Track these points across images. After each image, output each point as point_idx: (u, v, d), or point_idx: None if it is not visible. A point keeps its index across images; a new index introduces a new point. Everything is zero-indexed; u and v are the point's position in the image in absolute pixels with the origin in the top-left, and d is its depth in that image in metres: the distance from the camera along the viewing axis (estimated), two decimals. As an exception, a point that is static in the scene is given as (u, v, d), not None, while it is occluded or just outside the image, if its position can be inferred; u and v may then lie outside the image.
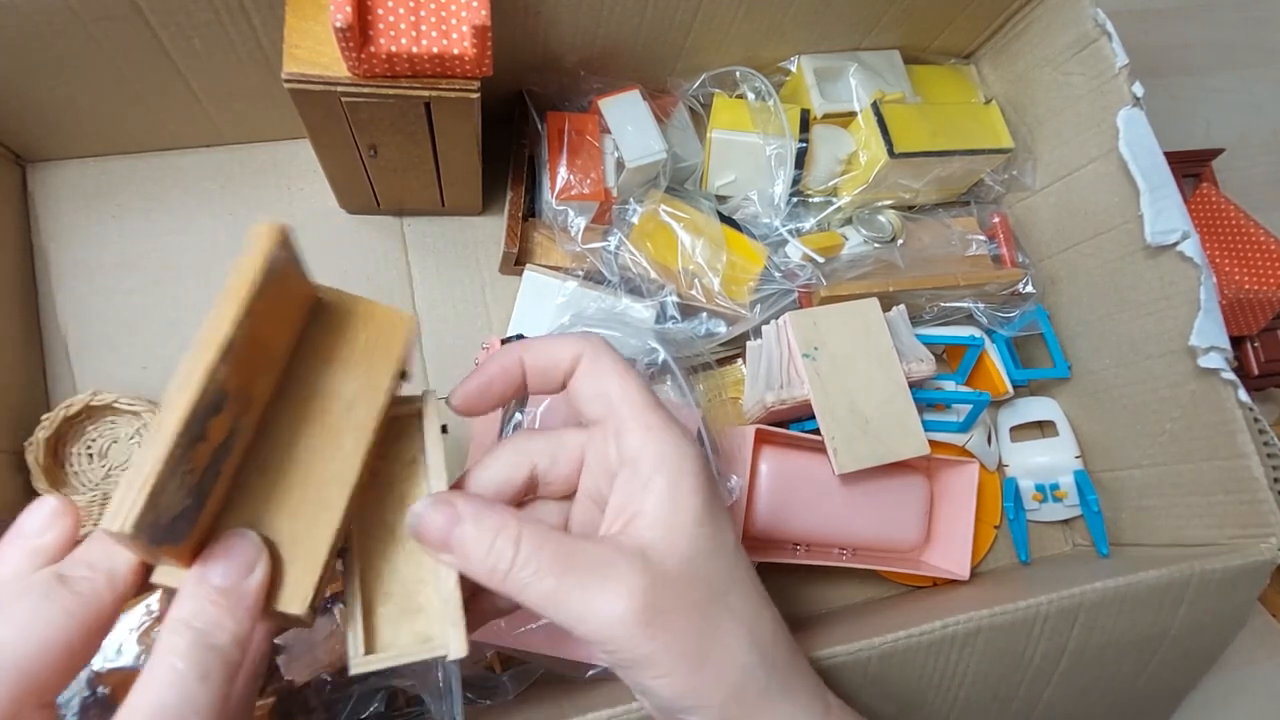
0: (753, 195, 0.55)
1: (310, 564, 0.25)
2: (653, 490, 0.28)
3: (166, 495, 0.21)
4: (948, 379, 0.56)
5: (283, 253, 0.24)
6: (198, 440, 0.22)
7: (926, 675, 0.41)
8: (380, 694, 0.42)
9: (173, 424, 0.21)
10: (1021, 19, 0.56)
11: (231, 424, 0.24)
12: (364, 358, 0.27)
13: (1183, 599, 0.44)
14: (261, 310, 0.24)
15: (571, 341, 0.30)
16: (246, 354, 0.23)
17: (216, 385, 0.22)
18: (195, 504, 0.23)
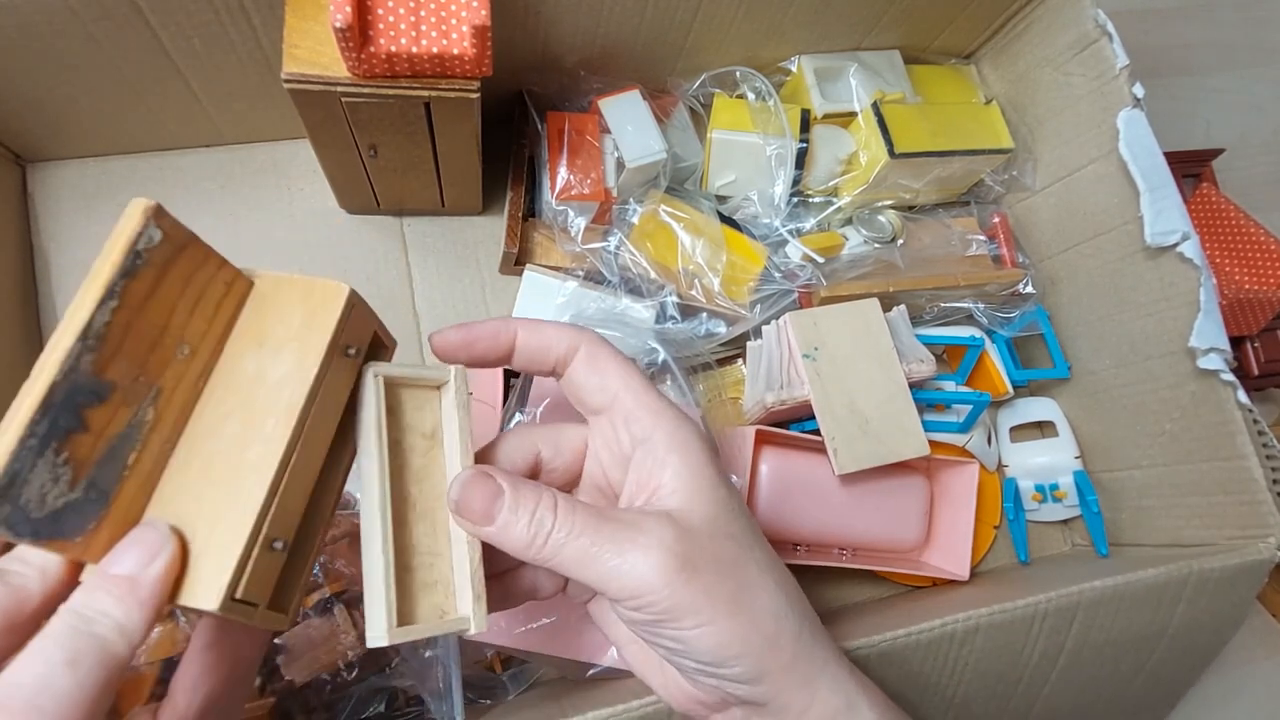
0: (753, 195, 0.55)
1: (223, 558, 0.23)
2: (669, 465, 0.30)
3: (29, 487, 0.20)
4: (948, 379, 0.56)
5: (163, 233, 0.23)
6: (72, 431, 0.21)
7: (925, 673, 0.41)
8: (381, 694, 0.43)
9: (22, 413, 0.20)
10: (1022, 19, 0.56)
11: (132, 415, 0.23)
12: (297, 337, 0.25)
13: (1181, 597, 0.44)
14: (144, 294, 0.23)
15: (569, 333, 0.31)
16: (137, 343, 0.23)
17: (85, 374, 0.21)
18: (92, 498, 0.22)
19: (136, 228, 0.22)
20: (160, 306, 0.23)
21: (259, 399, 0.25)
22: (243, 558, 0.23)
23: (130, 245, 0.22)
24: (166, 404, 0.24)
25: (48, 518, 0.21)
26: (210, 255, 0.25)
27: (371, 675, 0.42)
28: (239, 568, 0.23)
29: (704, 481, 0.30)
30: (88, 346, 0.21)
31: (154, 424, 0.24)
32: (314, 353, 0.25)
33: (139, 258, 0.23)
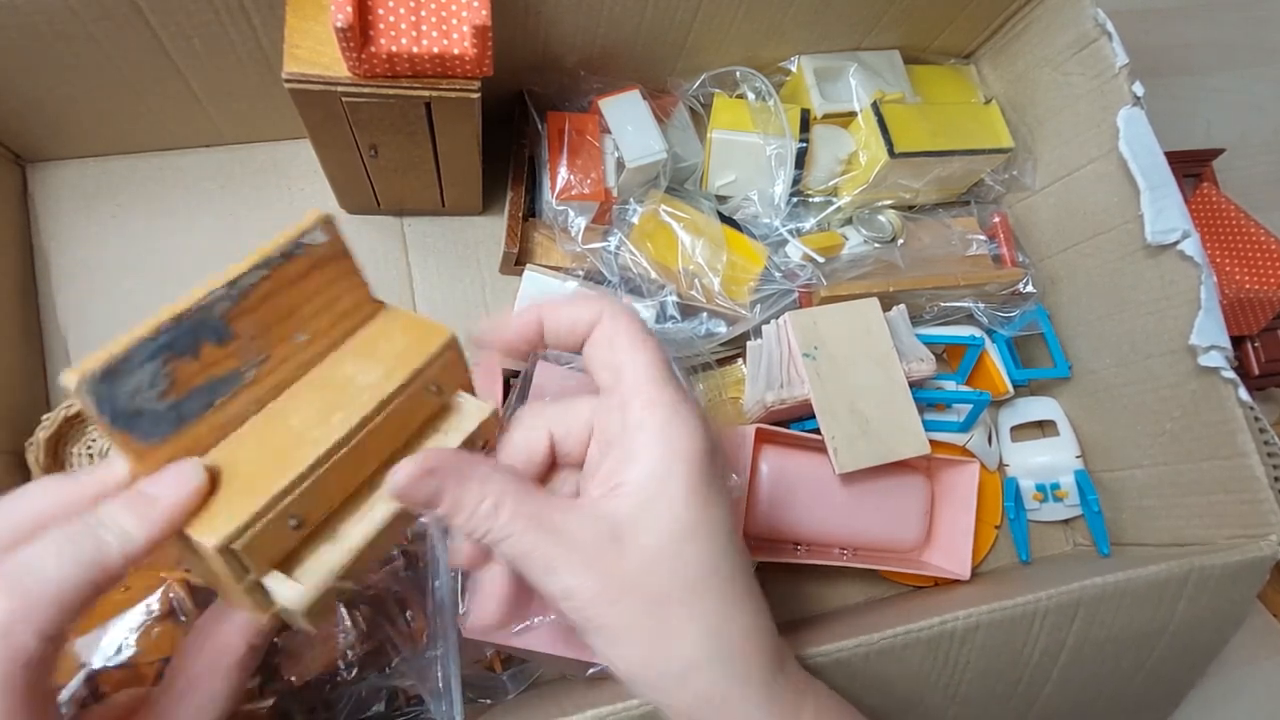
0: (753, 195, 0.55)
1: (238, 509, 0.24)
2: (639, 463, 0.28)
3: (131, 378, 0.23)
4: (948, 379, 0.56)
5: (326, 239, 0.27)
6: (185, 353, 0.24)
7: (926, 671, 0.41)
8: (380, 694, 0.42)
9: (155, 319, 0.24)
10: (1021, 19, 0.56)
11: (237, 367, 0.26)
12: (392, 359, 0.28)
13: (1182, 594, 0.44)
14: (291, 278, 0.26)
15: (590, 304, 0.30)
16: (268, 312, 0.26)
17: (217, 315, 0.25)
18: (170, 417, 0.25)
19: (306, 226, 0.26)
20: (298, 293, 0.27)
21: (341, 396, 0.27)
22: (255, 515, 0.24)
23: (296, 236, 0.27)
24: (268, 372, 0.27)
25: (128, 412, 0.24)
26: (355, 273, 0.29)
27: (371, 675, 0.42)
28: (248, 523, 0.24)
29: (669, 496, 0.27)
30: (230, 295, 0.25)
31: (250, 383, 0.26)
32: (399, 374, 0.27)
33: (299, 248, 0.27)
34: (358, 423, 0.26)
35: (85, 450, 0.48)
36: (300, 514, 0.25)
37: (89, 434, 0.48)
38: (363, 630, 0.41)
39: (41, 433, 0.45)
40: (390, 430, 0.27)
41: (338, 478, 0.26)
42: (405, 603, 0.43)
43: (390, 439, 0.27)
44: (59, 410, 0.46)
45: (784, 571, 0.51)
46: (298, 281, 0.27)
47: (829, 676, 0.38)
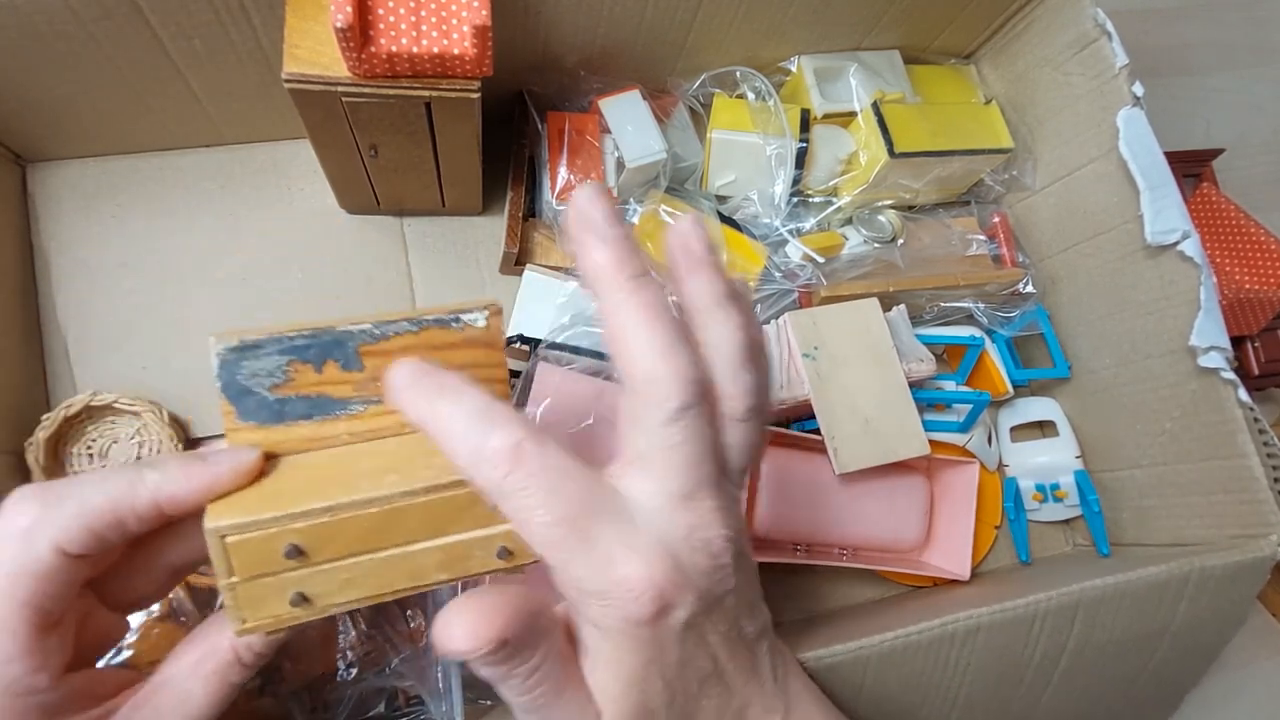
0: (753, 195, 0.55)
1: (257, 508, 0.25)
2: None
3: (256, 361, 0.26)
4: (948, 379, 0.56)
5: (485, 325, 0.28)
6: (310, 363, 0.27)
7: (926, 674, 0.41)
8: (380, 694, 0.42)
9: (301, 325, 0.26)
10: (1021, 19, 0.56)
11: (351, 395, 0.28)
12: None
13: (1182, 595, 0.44)
14: (434, 345, 0.28)
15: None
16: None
17: (352, 346, 0.27)
18: (273, 409, 0.27)
19: (472, 305, 0.28)
20: (437, 359, 0.27)
21: (411, 464, 0.27)
22: (258, 522, 0.25)
23: (459, 308, 0.28)
24: (375, 415, 0.28)
25: (239, 388, 0.26)
26: (500, 368, 0.29)
27: (371, 675, 0.42)
28: (248, 524, 0.25)
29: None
30: (371, 333, 0.27)
31: (355, 416, 0.28)
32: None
33: (456, 321, 0.28)
34: (399, 492, 0.26)
35: (85, 450, 0.48)
36: (303, 545, 0.25)
37: (89, 434, 0.48)
38: (363, 630, 0.41)
39: (41, 433, 0.45)
40: (432, 516, 0.27)
41: (356, 532, 0.26)
42: (405, 603, 0.43)
43: (430, 524, 0.27)
44: (59, 410, 0.46)
45: (784, 572, 0.51)
46: (441, 349, 0.28)
47: (828, 680, 0.38)
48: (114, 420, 0.48)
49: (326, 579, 0.26)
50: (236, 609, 0.26)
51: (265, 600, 0.26)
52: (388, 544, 0.26)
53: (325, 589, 0.26)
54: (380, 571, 0.27)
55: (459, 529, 0.27)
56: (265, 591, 0.26)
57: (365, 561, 0.26)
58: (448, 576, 0.27)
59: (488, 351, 0.29)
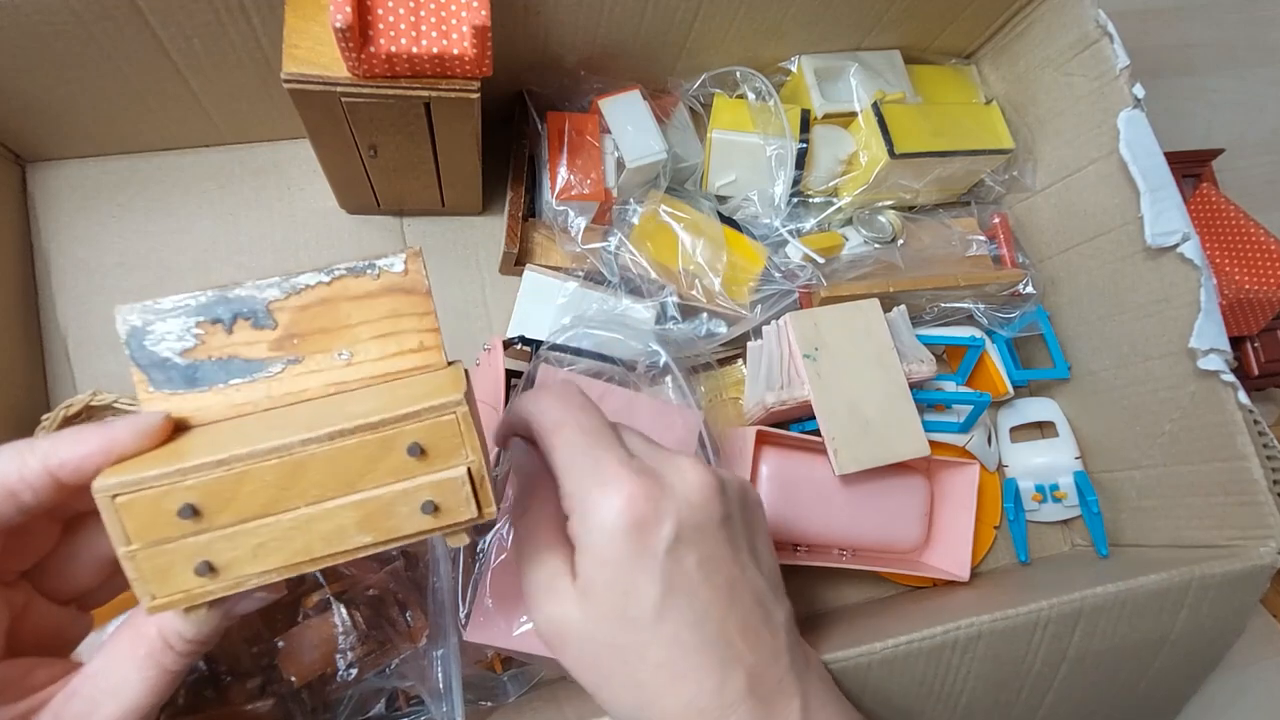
0: (753, 195, 0.55)
1: (144, 471, 0.23)
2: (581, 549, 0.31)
3: (163, 325, 0.26)
4: (948, 379, 0.56)
5: (404, 270, 0.27)
6: (219, 321, 0.26)
7: (927, 681, 0.41)
8: (380, 694, 0.43)
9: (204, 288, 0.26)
10: (1022, 19, 0.56)
11: (266, 355, 0.27)
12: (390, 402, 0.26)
13: (1183, 603, 0.44)
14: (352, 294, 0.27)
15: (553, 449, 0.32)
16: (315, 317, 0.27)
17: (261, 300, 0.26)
18: (186, 374, 0.26)
19: (385, 251, 0.26)
20: (356, 310, 0.27)
21: (320, 418, 0.25)
22: (143, 479, 0.23)
23: (370, 257, 0.27)
24: (296, 375, 0.27)
25: (150, 356, 0.26)
26: (428, 316, 0.28)
27: (371, 675, 0.42)
28: (133, 484, 0.23)
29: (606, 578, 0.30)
30: (280, 286, 0.26)
31: (273, 377, 0.26)
32: (385, 414, 0.24)
33: (371, 267, 0.27)
34: (297, 440, 0.24)
35: (85, 450, 0.48)
36: (198, 505, 0.23)
37: (89, 434, 0.48)
38: (363, 630, 0.41)
39: (41, 433, 0.45)
40: (340, 467, 0.24)
41: (257, 488, 0.24)
42: (405, 603, 0.43)
43: (338, 476, 0.24)
44: (59, 410, 0.46)
45: (784, 572, 0.51)
46: (358, 299, 0.26)
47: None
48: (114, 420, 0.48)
49: (233, 544, 0.24)
50: (142, 583, 0.24)
51: (170, 571, 0.24)
52: (296, 502, 0.24)
53: (234, 556, 0.24)
54: (292, 535, 0.24)
55: (373, 481, 0.25)
56: (168, 560, 0.24)
57: (273, 524, 0.24)
58: (372, 539, 0.25)
59: (410, 298, 0.27)
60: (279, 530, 0.24)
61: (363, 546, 0.25)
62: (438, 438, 0.25)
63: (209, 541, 0.24)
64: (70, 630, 0.30)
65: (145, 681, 0.26)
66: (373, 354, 0.27)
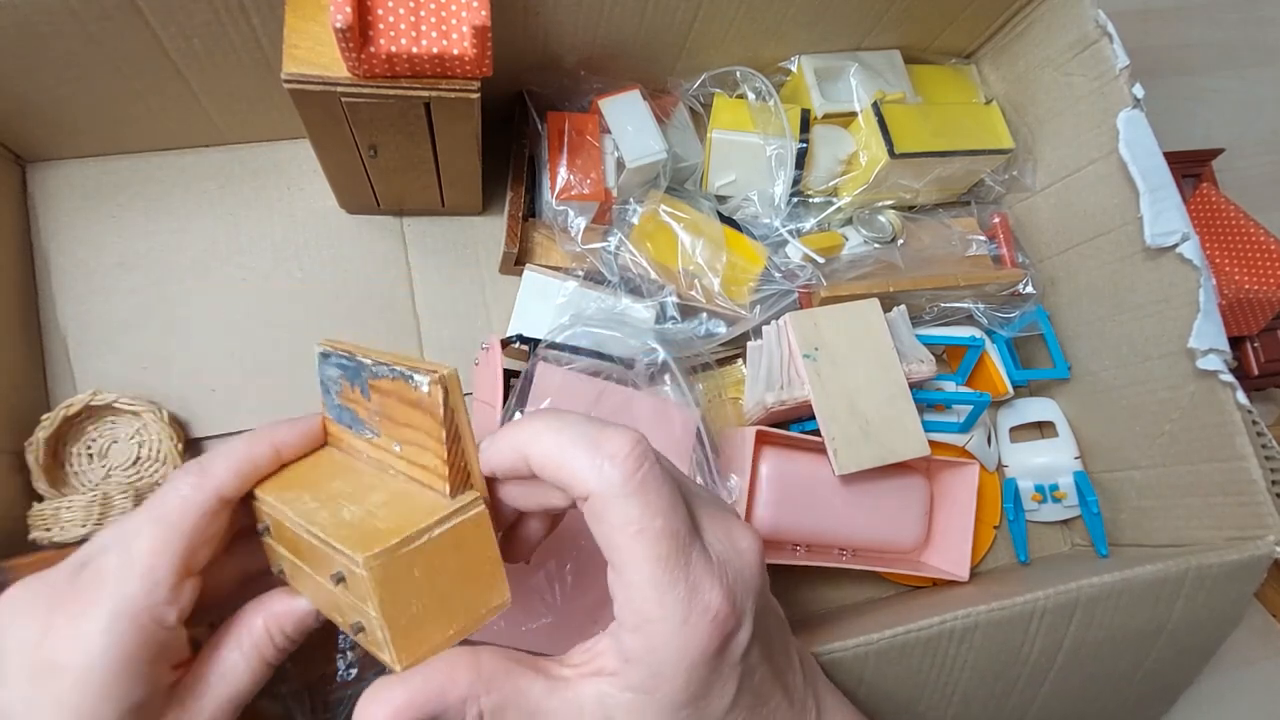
0: (753, 195, 0.55)
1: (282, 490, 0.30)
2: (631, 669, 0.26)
3: (331, 369, 0.31)
4: (948, 379, 0.56)
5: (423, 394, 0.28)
6: (350, 383, 0.30)
7: (924, 671, 0.41)
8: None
9: (356, 347, 0.30)
10: (1022, 19, 0.56)
11: (365, 419, 0.30)
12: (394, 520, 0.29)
13: (1179, 594, 0.44)
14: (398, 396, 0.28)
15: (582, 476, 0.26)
16: (384, 406, 0.29)
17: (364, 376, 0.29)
18: (336, 410, 0.32)
19: (421, 367, 0.27)
20: (403, 413, 0.29)
21: (339, 501, 0.29)
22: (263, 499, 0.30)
23: (413, 367, 0.27)
24: (375, 445, 0.30)
25: (324, 386, 0.32)
26: (439, 444, 0.27)
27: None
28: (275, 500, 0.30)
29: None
30: (371, 371, 0.29)
31: (367, 441, 0.31)
32: (324, 534, 0.27)
33: (409, 378, 0.28)
34: (296, 519, 0.28)
35: (85, 450, 0.48)
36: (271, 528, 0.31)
37: (89, 434, 0.48)
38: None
39: (41, 433, 0.45)
40: (313, 556, 0.28)
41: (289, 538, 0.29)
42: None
43: (314, 561, 0.28)
44: (59, 410, 0.46)
45: (784, 572, 0.51)
46: (406, 404, 0.28)
47: (828, 676, 0.38)
48: (114, 420, 0.48)
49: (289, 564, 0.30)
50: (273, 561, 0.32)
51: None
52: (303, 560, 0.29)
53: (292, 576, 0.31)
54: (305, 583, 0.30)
55: (324, 580, 0.28)
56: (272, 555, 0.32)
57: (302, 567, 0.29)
58: (341, 620, 0.29)
59: (425, 419, 0.27)
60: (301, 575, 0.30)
61: (340, 623, 0.29)
62: (353, 579, 0.26)
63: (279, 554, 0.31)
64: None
65: (250, 668, 0.30)
66: (411, 455, 0.29)
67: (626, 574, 0.26)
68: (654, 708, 0.26)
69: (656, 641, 0.26)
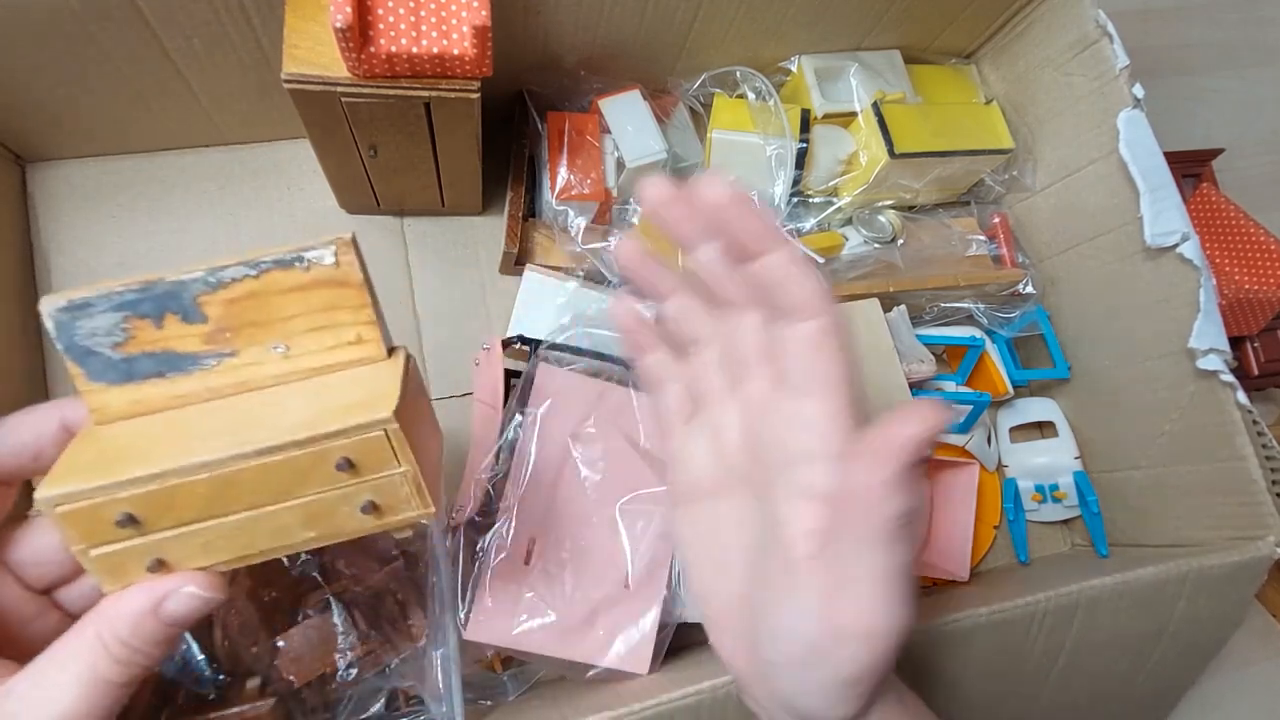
0: (753, 195, 0.55)
1: (90, 478, 0.24)
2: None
3: (91, 320, 0.26)
4: (948, 379, 0.56)
5: (335, 261, 0.26)
6: (148, 317, 0.26)
7: (925, 674, 0.41)
8: (380, 694, 0.43)
9: (129, 280, 0.26)
10: (1022, 19, 0.56)
11: (200, 349, 0.27)
12: (325, 412, 0.27)
13: (1180, 595, 0.44)
14: (282, 287, 0.26)
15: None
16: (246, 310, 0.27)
17: (189, 296, 0.27)
18: (121, 368, 0.27)
19: (316, 243, 0.25)
20: (289, 304, 0.26)
21: (256, 423, 0.26)
22: (81, 491, 0.24)
23: (299, 248, 0.26)
24: (229, 369, 0.27)
25: (81, 349, 0.26)
26: (366, 308, 0.27)
27: (371, 675, 0.42)
28: (72, 495, 0.24)
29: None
30: (206, 281, 0.26)
31: (211, 370, 0.27)
32: (306, 430, 0.25)
33: (300, 260, 0.26)
34: (227, 456, 0.24)
35: (85, 450, 0.47)
36: (137, 514, 0.24)
37: (89, 434, 0.48)
38: (363, 630, 0.41)
39: (41, 433, 0.45)
40: (272, 480, 0.25)
41: (191, 498, 0.25)
42: (405, 602, 0.43)
43: (271, 487, 0.25)
44: (59, 410, 0.46)
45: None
46: (291, 293, 0.26)
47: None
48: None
49: (181, 544, 0.25)
50: (96, 574, 0.25)
51: (124, 567, 0.25)
52: (234, 508, 0.25)
53: (183, 554, 0.25)
54: (237, 534, 0.26)
55: (306, 490, 0.25)
56: (121, 559, 0.25)
57: (216, 526, 0.25)
58: (316, 534, 0.26)
59: (344, 291, 0.26)
60: (224, 530, 0.25)
61: (309, 539, 0.26)
62: (366, 453, 0.25)
63: (157, 542, 0.25)
64: (33, 626, 0.29)
65: (80, 688, 0.25)
66: (310, 346, 0.27)
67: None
68: None
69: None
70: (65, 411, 0.28)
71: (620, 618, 0.43)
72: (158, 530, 0.25)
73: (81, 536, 0.24)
